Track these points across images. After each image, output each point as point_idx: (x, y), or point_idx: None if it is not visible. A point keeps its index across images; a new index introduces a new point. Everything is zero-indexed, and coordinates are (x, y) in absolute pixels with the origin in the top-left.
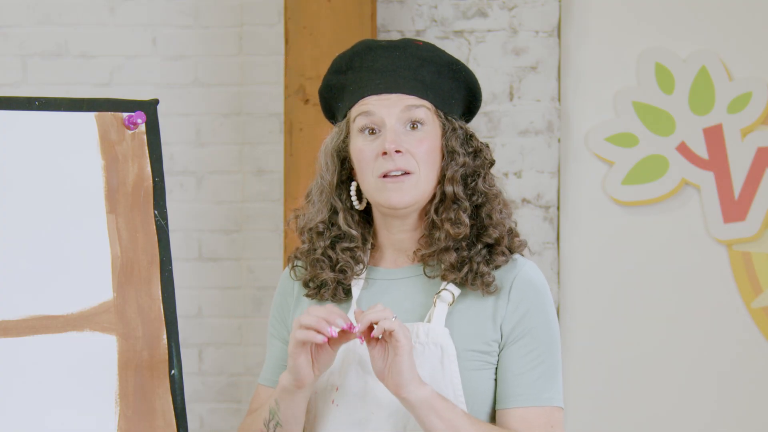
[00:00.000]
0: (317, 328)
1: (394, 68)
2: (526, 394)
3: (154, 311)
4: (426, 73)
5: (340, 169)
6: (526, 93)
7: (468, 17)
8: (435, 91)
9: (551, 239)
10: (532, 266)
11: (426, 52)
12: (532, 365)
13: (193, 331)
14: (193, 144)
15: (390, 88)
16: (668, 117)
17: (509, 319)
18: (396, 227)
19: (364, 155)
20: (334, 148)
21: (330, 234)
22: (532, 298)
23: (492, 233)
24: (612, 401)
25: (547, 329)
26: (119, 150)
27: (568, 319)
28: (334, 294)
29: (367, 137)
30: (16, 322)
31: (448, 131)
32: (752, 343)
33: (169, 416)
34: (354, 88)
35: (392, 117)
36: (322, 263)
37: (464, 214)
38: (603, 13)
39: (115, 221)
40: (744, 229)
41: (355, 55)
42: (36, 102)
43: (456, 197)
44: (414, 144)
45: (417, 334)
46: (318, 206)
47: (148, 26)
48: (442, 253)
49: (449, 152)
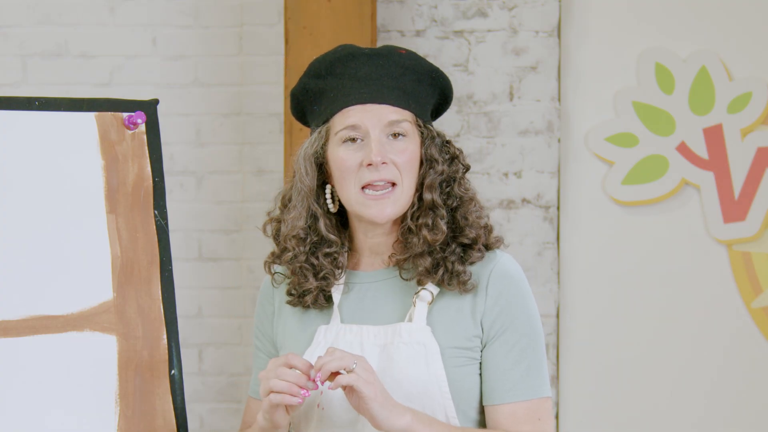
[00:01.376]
0: (289, 393)
1: (377, 77)
2: (513, 390)
3: (154, 311)
4: (407, 82)
5: (317, 173)
6: (526, 93)
7: (468, 17)
8: (415, 99)
9: (551, 239)
10: (507, 258)
11: (408, 61)
12: (517, 359)
13: (193, 331)
14: (193, 144)
15: (374, 98)
16: (668, 117)
17: (489, 313)
18: (372, 232)
19: (347, 165)
20: (312, 154)
21: (310, 240)
22: (509, 290)
23: (468, 233)
24: (612, 401)
25: (527, 319)
26: (119, 150)
27: (568, 319)
28: (316, 300)
29: (349, 146)
30: (16, 322)
31: (427, 139)
32: (752, 343)
33: (169, 416)
34: (335, 95)
35: (376, 129)
36: (306, 271)
37: (441, 220)
38: (603, 13)
39: (115, 221)
40: (744, 229)
41: (336, 61)
42: (36, 102)
43: (434, 204)
44: (397, 154)
45: (399, 333)
46: (298, 211)
47: (148, 26)
48: (417, 258)
49: (428, 160)
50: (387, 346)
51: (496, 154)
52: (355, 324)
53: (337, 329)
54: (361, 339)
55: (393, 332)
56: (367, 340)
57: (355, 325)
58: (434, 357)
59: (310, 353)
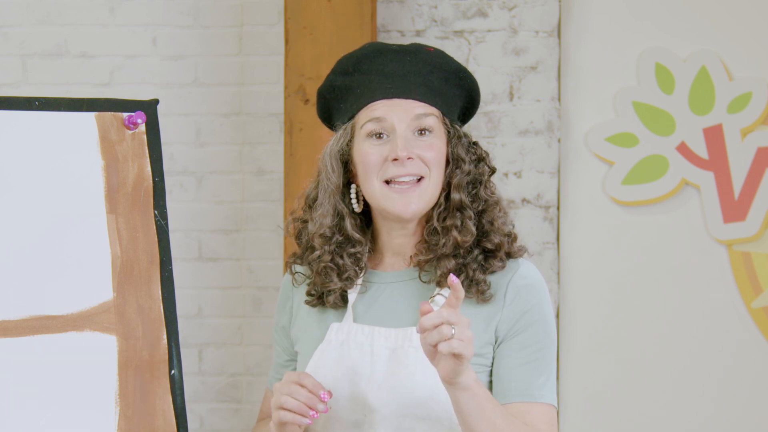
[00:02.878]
0: (300, 412)
1: (404, 73)
2: (519, 391)
3: (154, 311)
4: (435, 80)
5: (343, 172)
6: (526, 93)
7: (468, 17)
8: (442, 97)
9: (551, 239)
10: (528, 266)
11: (436, 59)
12: (525, 360)
13: (193, 331)
14: (193, 144)
15: (400, 93)
16: (668, 117)
17: (505, 321)
18: (397, 231)
19: (370, 159)
20: (337, 151)
21: (335, 239)
22: (528, 298)
23: (493, 239)
24: (611, 401)
25: (544, 327)
26: (119, 150)
27: (568, 319)
28: (335, 301)
29: (374, 141)
30: (16, 322)
31: (453, 138)
32: (752, 343)
33: (169, 416)
34: (362, 91)
35: (403, 123)
36: (330, 271)
37: (470, 222)
38: (603, 13)
39: (115, 221)
40: (744, 229)
41: (363, 58)
42: (36, 102)
43: (462, 204)
44: (424, 149)
45: (410, 338)
46: (325, 208)
47: (148, 26)
48: (441, 260)
49: (455, 159)
50: (397, 350)
51: (496, 154)
52: (366, 324)
53: (348, 328)
54: (372, 341)
55: (404, 336)
56: (378, 342)
57: (366, 325)
58: None
59: (321, 350)
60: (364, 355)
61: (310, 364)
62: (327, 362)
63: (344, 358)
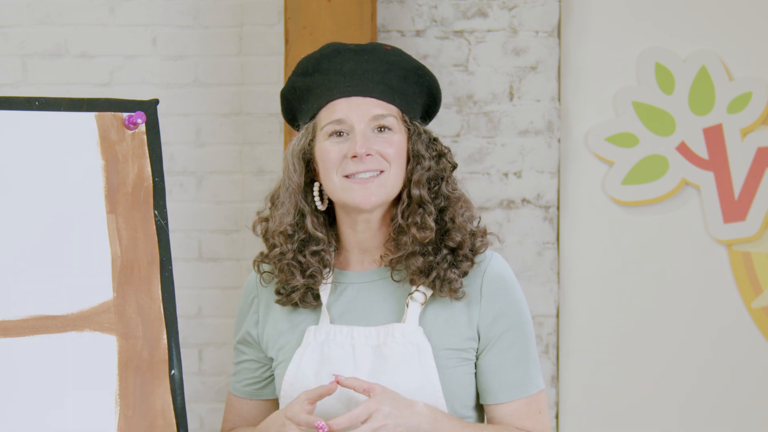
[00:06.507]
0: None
1: (362, 72)
2: (515, 389)
3: (154, 311)
4: (393, 78)
5: (305, 171)
6: (526, 93)
7: (468, 17)
8: (401, 95)
9: (551, 239)
10: (497, 259)
11: (393, 57)
12: (515, 360)
13: (193, 331)
14: (193, 144)
15: (359, 91)
16: (668, 117)
17: (485, 317)
18: (360, 225)
19: (330, 156)
20: (299, 150)
21: (297, 237)
22: (503, 293)
23: (454, 237)
24: (611, 401)
25: (520, 318)
26: (119, 150)
27: (568, 319)
28: (303, 298)
29: (334, 139)
30: (16, 322)
31: (413, 135)
32: (752, 343)
33: (169, 416)
34: (321, 91)
35: (362, 123)
36: (293, 268)
37: (430, 217)
38: (603, 13)
39: (115, 221)
40: (744, 229)
41: (322, 58)
42: (36, 102)
43: (422, 200)
44: (383, 145)
45: (393, 334)
46: (286, 207)
47: (148, 26)
48: (408, 258)
49: (415, 155)
50: (380, 347)
51: (496, 154)
52: (345, 325)
53: (327, 330)
54: (352, 340)
55: (386, 333)
56: (359, 341)
57: (345, 326)
58: (427, 358)
59: (299, 354)
60: (346, 355)
61: (291, 368)
62: (308, 365)
63: (325, 359)
